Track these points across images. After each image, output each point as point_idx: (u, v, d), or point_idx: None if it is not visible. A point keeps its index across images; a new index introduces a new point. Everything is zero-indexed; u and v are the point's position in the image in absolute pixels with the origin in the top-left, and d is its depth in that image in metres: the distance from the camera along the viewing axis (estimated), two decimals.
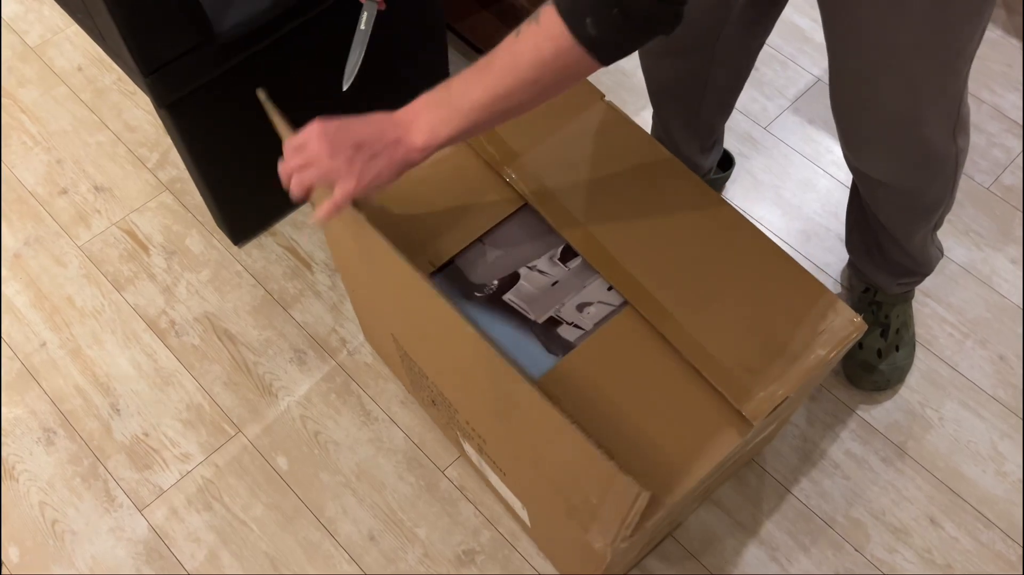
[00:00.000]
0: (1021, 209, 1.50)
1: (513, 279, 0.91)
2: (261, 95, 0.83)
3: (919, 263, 1.24)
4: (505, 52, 0.71)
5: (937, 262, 1.28)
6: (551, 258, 0.92)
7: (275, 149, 1.13)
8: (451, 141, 0.75)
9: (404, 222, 0.95)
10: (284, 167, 0.79)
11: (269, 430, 1.29)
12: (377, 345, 1.30)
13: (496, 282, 0.91)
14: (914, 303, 1.37)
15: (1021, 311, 1.39)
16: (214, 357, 1.35)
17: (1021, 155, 1.54)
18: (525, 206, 0.95)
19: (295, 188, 0.78)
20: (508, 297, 0.90)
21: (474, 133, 0.75)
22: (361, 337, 1.36)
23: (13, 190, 1.52)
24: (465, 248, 0.93)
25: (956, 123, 0.99)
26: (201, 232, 1.47)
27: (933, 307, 1.39)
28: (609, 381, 0.85)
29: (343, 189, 0.75)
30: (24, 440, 1.28)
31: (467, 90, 0.72)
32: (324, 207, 0.77)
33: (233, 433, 1.28)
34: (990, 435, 1.28)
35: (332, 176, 0.75)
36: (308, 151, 0.76)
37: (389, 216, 0.95)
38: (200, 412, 1.30)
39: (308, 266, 1.43)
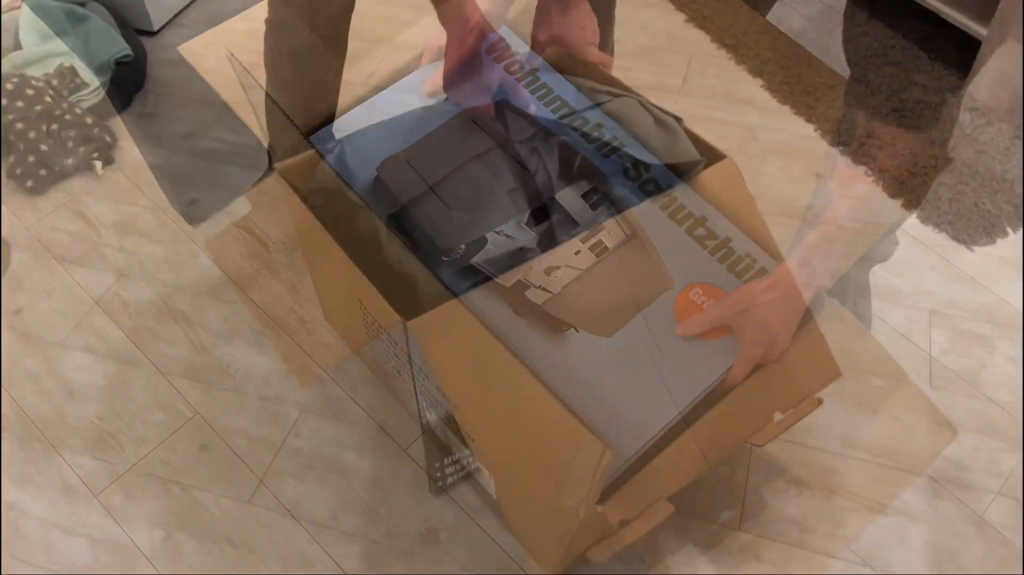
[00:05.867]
0: None
1: (481, 243, 0.91)
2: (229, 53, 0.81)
3: (876, 256, 1.28)
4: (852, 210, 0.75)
5: (891, 255, 1.32)
6: (518, 223, 0.92)
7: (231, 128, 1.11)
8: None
9: None
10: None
11: (227, 411, 1.27)
12: (337, 322, 1.29)
13: (464, 246, 0.91)
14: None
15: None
16: (170, 338, 1.32)
17: None
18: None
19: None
20: (476, 261, 0.90)
21: None
22: (320, 316, 1.35)
23: None
24: (434, 212, 0.92)
25: None
26: (155, 211, 1.44)
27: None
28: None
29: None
30: None
31: (829, 263, 0.80)
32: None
33: (190, 415, 1.26)
34: None
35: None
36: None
37: None
38: (156, 394, 1.28)
39: (265, 246, 1.41)
